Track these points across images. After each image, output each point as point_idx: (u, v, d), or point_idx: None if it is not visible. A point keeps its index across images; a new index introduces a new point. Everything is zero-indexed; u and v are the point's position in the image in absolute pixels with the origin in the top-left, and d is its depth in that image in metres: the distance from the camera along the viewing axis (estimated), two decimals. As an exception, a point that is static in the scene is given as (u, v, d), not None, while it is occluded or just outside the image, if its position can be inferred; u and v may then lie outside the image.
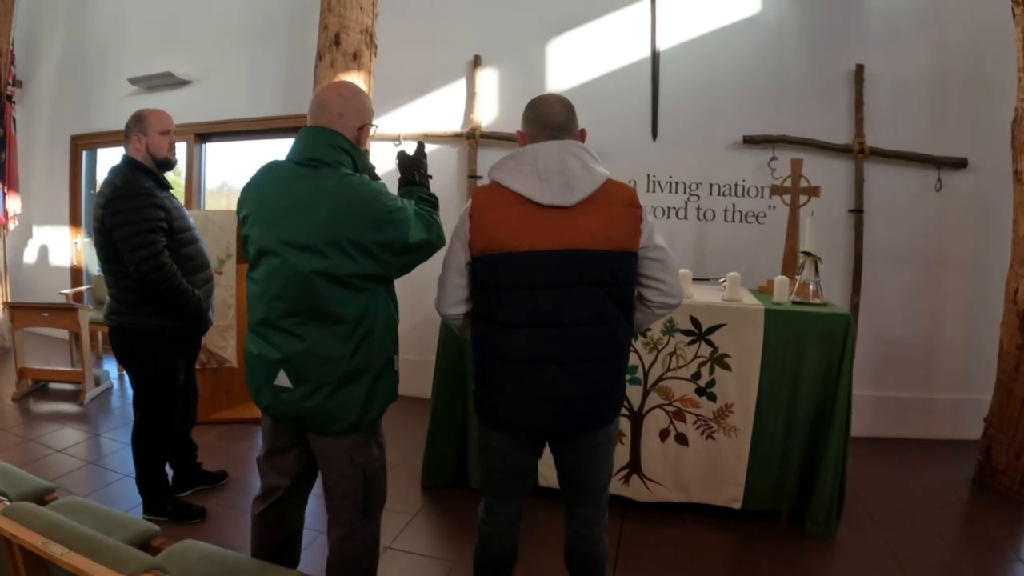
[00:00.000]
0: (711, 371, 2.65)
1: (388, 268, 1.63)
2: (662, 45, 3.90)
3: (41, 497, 1.97)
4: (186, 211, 2.57)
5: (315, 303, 1.58)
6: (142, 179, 2.37)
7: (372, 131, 1.78)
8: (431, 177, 1.84)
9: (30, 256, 5.86)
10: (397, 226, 1.58)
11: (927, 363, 3.74)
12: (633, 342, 2.59)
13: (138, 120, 2.45)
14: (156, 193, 2.37)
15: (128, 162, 2.42)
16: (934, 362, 3.74)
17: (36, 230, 5.81)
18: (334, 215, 1.55)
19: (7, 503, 1.43)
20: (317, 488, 1.86)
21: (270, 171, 1.71)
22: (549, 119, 1.63)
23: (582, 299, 1.55)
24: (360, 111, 1.71)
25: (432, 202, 1.77)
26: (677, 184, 3.89)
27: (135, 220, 2.28)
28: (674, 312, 2.59)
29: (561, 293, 1.54)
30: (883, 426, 3.71)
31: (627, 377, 2.60)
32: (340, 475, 1.71)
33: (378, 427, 1.76)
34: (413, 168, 1.83)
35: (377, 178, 1.73)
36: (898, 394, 3.74)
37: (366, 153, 1.82)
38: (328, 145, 1.63)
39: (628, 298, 1.63)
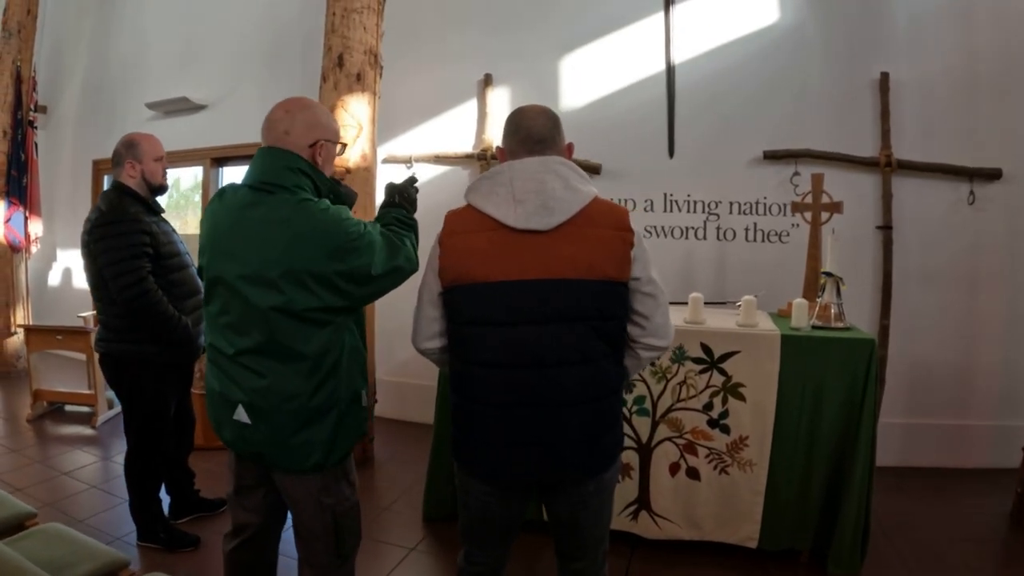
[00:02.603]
0: (724, 402, 2.50)
1: (352, 299, 1.52)
2: (677, 58, 3.78)
3: (22, 522, 1.98)
4: (177, 236, 2.54)
5: (274, 339, 1.48)
6: (129, 204, 2.35)
7: (338, 149, 1.66)
8: (414, 201, 1.73)
9: (54, 279, 6.00)
10: (360, 254, 1.47)
11: (962, 387, 3.51)
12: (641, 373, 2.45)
13: (131, 146, 2.43)
14: (143, 218, 2.35)
15: (116, 187, 2.41)
16: (969, 386, 3.50)
17: (60, 253, 5.95)
18: (290, 246, 1.45)
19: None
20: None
21: (224, 197, 1.60)
22: (529, 132, 1.48)
23: (562, 336, 1.40)
24: (309, 127, 1.56)
25: (407, 223, 1.65)
26: (695, 203, 3.74)
27: (119, 246, 2.26)
28: (684, 339, 2.48)
29: (538, 329, 1.39)
30: (914, 455, 3.48)
31: (633, 410, 2.51)
32: (309, 516, 1.62)
33: (348, 464, 1.67)
34: (396, 192, 1.72)
35: (355, 197, 1.63)
36: (930, 421, 3.51)
37: (345, 175, 1.73)
38: (284, 167, 1.51)
39: (616, 334, 1.47)
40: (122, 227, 2.28)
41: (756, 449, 2.47)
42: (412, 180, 1.78)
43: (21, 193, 5.11)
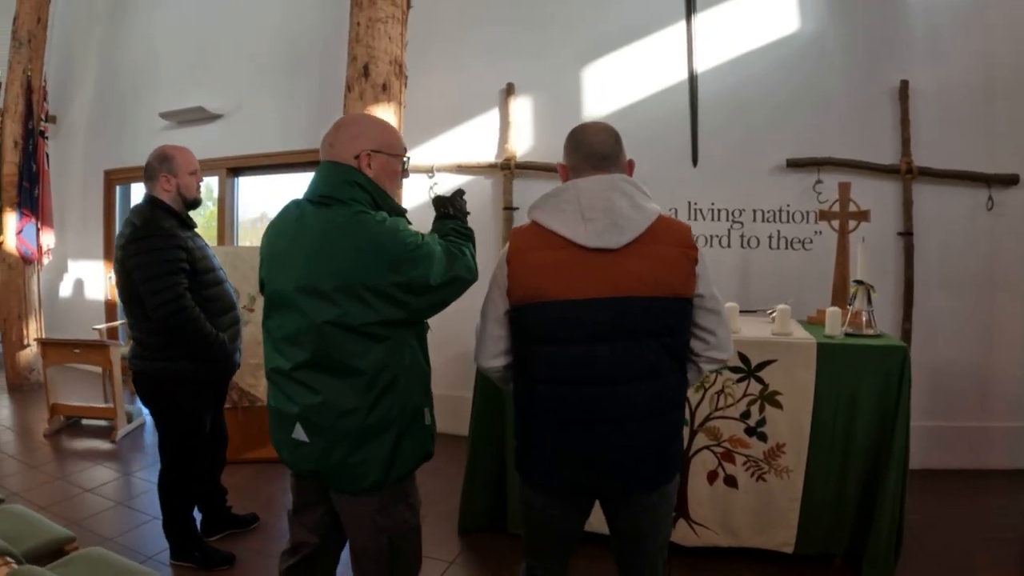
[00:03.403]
0: (761, 410, 2.51)
1: (411, 311, 1.49)
2: (700, 67, 3.80)
3: (61, 547, 1.95)
4: (211, 250, 2.49)
5: (329, 354, 1.46)
6: (163, 219, 2.30)
7: (403, 163, 1.64)
8: (469, 213, 1.73)
9: (65, 290, 5.96)
10: (416, 264, 1.44)
11: (981, 390, 3.55)
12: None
13: (165, 160, 2.38)
14: (178, 233, 2.30)
15: (149, 201, 2.36)
16: (988, 389, 3.54)
17: (71, 264, 5.91)
18: (345, 258, 1.43)
19: (14, 566, 1.36)
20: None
21: (285, 212, 1.61)
22: (592, 149, 1.49)
23: (633, 352, 1.41)
24: (352, 138, 1.57)
25: (464, 233, 1.63)
26: (719, 211, 3.76)
27: (155, 262, 2.21)
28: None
29: (609, 346, 1.40)
30: (935, 457, 3.50)
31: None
32: (363, 537, 1.59)
33: (408, 486, 1.62)
34: (447, 203, 1.70)
35: (403, 214, 1.60)
36: (951, 423, 3.54)
37: (399, 186, 1.70)
38: (341, 181, 1.51)
39: (681, 349, 1.49)
40: (157, 242, 2.24)
41: (793, 456, 2.49)
42: (460, 192, 1.78)
43: (33, 204, 5.06)
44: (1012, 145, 3.43)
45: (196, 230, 2.50)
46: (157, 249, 2.23)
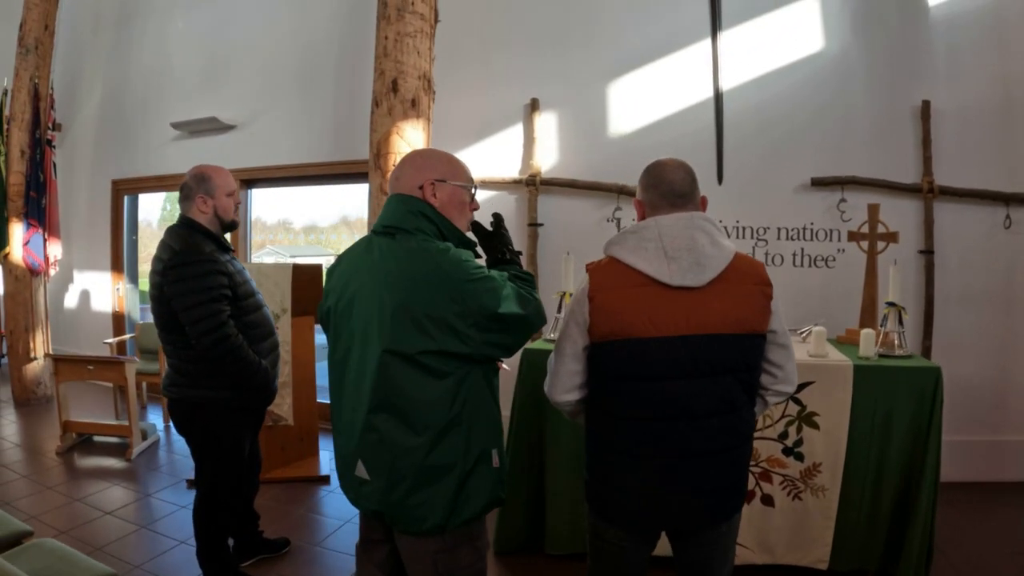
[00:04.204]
0: (799, 430, 2.54)
1: (474, 345, 1.43)
2: (725, 85, 3.83)
3: None
4: (248, 274, 2.41)
5: (389, 387, 1.43)
6: (203, 242, 2.21)
7: (461, 192, 1.58)
8: (520, 253, 1.72)
9: (71, 302, 5.85)
10: (481, 295, 1.41)
11: (999, 405, 3.61)
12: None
13: (203, 180, 2.29)
14: (218, 258, 2.21)
15: (187, 224, 2.26)
16: (1006, 404, 3.60)
17: (77, 275, 5.81)
18: (407, 287, 1.42)
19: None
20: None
21: (355, 245, 1.62)
22: (672, 187, 1.50)
23: (714, 388, 1.43)
24: (417, 170, 1.56)
25: (528, 280, 1.59)
26: (744, 228, 3.79)
27: (197, 289, 2.11)
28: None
29: (693, 383, 1.42)
30: (956, 470, 3.50)
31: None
32: None
33: (476, 529, 1.55)
34: (500, 244, 1.67)
35: (472, 247, 1.58)
36: (969, 437, 3.58)
37: (469, 217, 1.68)
38: (407, 212, 1.51)
39: (754, 383, 1.52)
40: (199, 268, 2.14)
41: (828, 475, 2.52)
42: (500, 220, 1.74)
43: (40, 215, 4.96)
44: (1029, 165, 3.49)
45: (234, 252, 2.44)
46: (200, 275, 2.14)
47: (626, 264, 1.46)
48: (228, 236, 2.41)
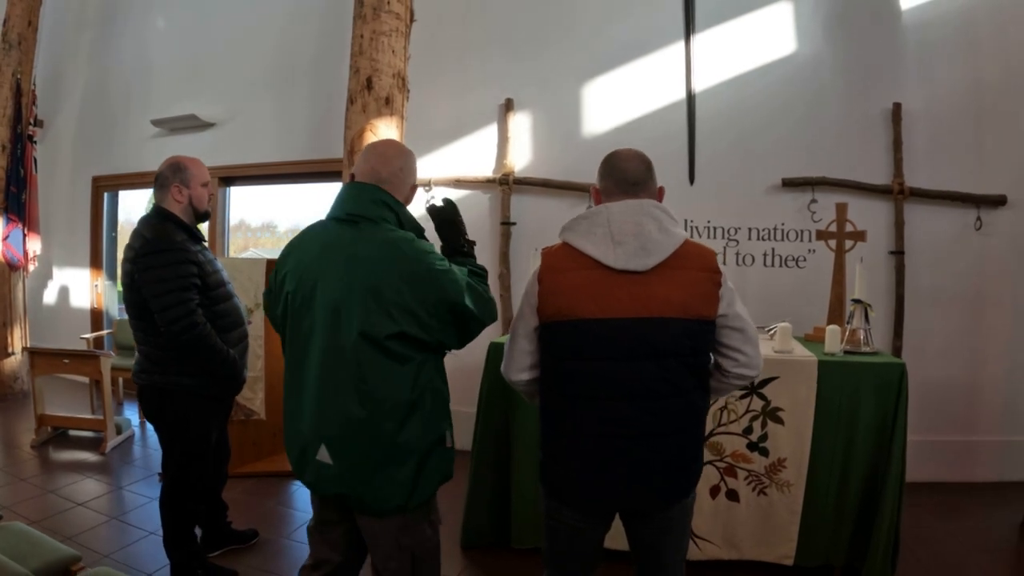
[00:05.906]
0: (763, 425, 2.56)
1: (432, 332, 1.52)
2: (697, 87, 3.86)
3: (67, 567, 1.93)
4: (220, 264, 2.45)
5: (355, 374, 1.48)
6: (174, 232, 2.24)
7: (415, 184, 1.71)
8: (475, 243, 1.76)
9: (49, 298, 5.83)
10: (445, 286, 1.50)
11: (969, 405, 3.64)
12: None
13: (178, 170, 2.32)
14: (189, 247, 2.24)
15: (160, 213, 2.30)
16: (976, 404, 3.63)
17: (56, 271, 5.78)
18: (376, 271, 1.47)
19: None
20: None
21: (310, 229, 1.65)
22: (625, 175, 1.55)
23: (656, 370, 1.46)
24: (386, 161, 1.65)
25: (483, 277, 1.67)
26: (716, 228, 3.82)
27: (167, 277, 2.15)
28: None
29: (635, 364, 1.45)
30: (925, 470, 3.57)
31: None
32: (387, 556, 1.61)
33: (431, 506, 1.66)
34: (457, 235, 1.73)
35: (421, 232, 1.64)
36: (939, 437, 3.61)
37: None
38: (369, 200, 1.55)
39: (704, 368, 1.55)
40: (169, 257, 2.17)
41: (794, 470, 2.53)
42: (455, 208, 1.76)
43: (20, 209, 4.96)
44: (1000, 167, 3.54)
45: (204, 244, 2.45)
46: (170, 264, 2.17)
47: (576, 248, 1.50)
48: (204, 228, 2.44)
